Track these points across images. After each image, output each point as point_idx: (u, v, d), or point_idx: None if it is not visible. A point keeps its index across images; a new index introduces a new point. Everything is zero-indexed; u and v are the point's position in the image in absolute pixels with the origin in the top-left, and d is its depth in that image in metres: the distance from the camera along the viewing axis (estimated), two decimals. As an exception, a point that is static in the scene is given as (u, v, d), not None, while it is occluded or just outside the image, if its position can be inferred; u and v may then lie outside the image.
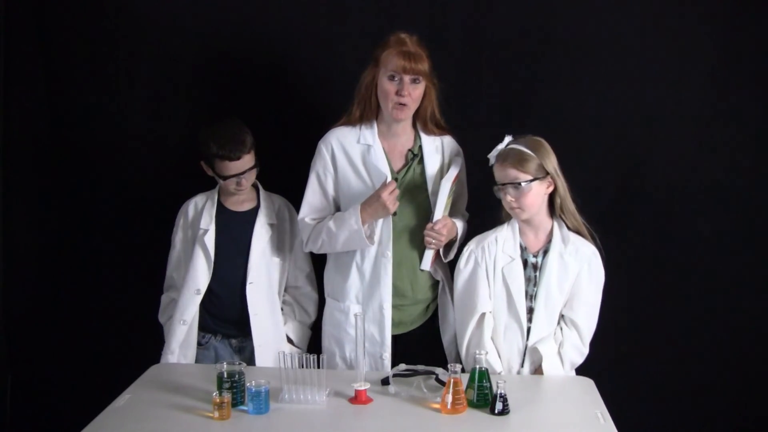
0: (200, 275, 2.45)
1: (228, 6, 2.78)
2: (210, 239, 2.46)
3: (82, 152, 2.88)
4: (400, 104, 2.26)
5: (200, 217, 2.50)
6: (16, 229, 2.88)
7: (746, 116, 2.72)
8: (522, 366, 2.22)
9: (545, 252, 2.22)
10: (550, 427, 1.89)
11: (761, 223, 2.76)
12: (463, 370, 2.00)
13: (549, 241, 2.22)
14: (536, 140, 2.19)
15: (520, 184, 2.13)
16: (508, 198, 2.16)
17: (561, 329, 2.22)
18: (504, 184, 2.16)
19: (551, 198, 2.22)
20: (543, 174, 2.15)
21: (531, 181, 2.14)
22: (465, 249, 2.29)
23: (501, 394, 1.90)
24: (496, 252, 2.24)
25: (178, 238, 2.54)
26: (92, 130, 2.87)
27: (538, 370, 2.20)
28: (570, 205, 2.22)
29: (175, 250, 2.55)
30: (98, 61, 2.82)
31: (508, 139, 2.20)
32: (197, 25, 2.79)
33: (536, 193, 2.16)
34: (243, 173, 2.40)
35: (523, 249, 2.24)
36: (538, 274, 2.21)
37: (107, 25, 2.80)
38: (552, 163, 2.17)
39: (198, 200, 2.55)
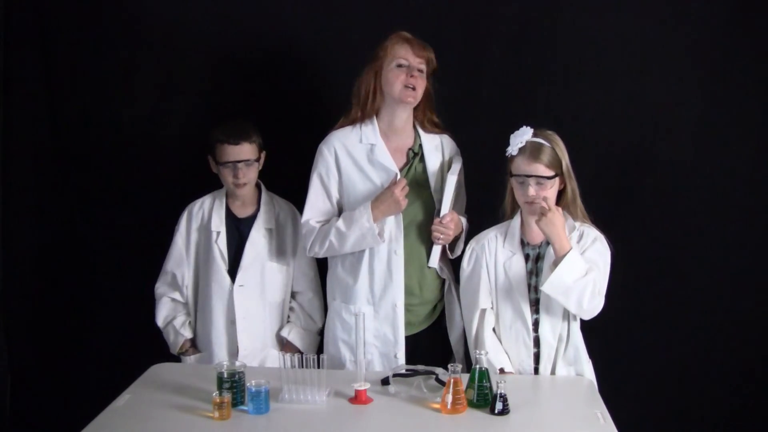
0: (222, 276, 2.45)
1: (230, 7, 2.78)
2: (223, 242, 2.47)
3: (82, 153, 2.88)
4: (410, 87, 2.28)
5: (209, 219, 2.49)
6: (16, 229, 2.89)
7: (746, 116, 2.71)
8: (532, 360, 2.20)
9: (548, 242, 2.20)
10: (550, 427, 1.89)
11: (761, 223, 2.76)
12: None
13: None
14: (556, 136, 2.18)
15: (546, 178, 2.13)
16: (530, 191, 2.14)
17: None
18: (528, 176, 2.14)
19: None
20: (561, 171, 2.16)
21: (554, 176, 2.14)
22: (467, 247, 2.31)
23: (501, 394, 1.90)
24: (497, 248, 2.25)
25: (182, 238, 2.52)
26: (93, 130, 2.87)
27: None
28: (579, 202, 2.22)
29: (176, 248, 2.52)
30: (99, 62, 2.83)
31: (529, 130, 2.15)
32: (199, 27, 2.79)
33: (555, 189, 2.17)
34: (240, 162, 2.39)
35: (525, 244, 2.24)
36: (540, 263, 2.20)
37: (108, 25, 2.80)
38: (567, 160, 2.18)
39: (206, 202, 2.54)
